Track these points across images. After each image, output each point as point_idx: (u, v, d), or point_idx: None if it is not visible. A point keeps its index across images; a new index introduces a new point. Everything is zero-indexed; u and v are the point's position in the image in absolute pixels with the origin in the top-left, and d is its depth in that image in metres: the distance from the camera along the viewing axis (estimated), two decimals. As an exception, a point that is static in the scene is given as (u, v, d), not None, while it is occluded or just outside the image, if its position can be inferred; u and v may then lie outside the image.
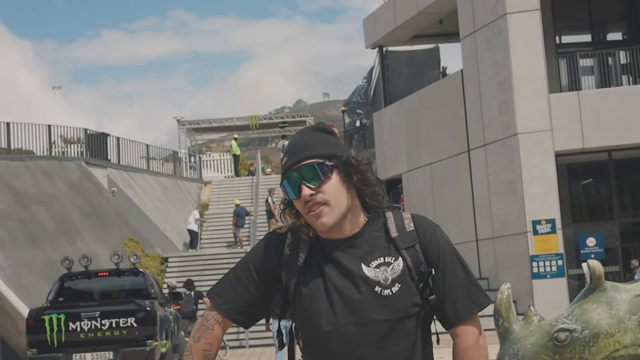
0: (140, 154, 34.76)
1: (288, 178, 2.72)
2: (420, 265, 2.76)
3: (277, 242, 2.83)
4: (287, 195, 2.75)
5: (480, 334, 2.84)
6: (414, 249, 2.76)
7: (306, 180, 2.68)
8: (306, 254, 2.78)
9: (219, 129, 44.44)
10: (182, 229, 31.84)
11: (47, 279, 22.80)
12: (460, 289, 2.80)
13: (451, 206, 24.90)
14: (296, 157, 2.72)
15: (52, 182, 26.43)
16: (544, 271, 21.55)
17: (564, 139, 22.10)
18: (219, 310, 2.83)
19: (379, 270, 2.71)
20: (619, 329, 4.61)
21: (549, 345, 4.66)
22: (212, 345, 2.82)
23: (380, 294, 2.69)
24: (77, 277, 14.75)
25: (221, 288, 2.86)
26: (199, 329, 2.83)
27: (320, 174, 2.68)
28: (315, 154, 2.71)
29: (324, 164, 2.70)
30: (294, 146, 2.76)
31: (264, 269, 2.81)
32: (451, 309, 2.78)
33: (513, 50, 22.21)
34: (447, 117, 25.03)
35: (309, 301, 2.74)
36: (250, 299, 2.82)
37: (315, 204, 2.67)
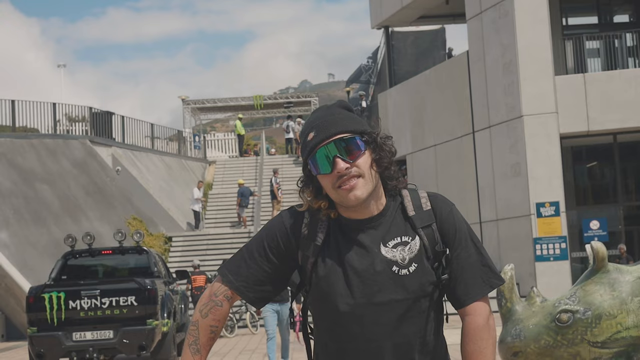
0: (145, 133, 34.74)
1: (319, 152, 2.69)
2: (436, 244, 2.76)
3: (294, 221, 2.80)
4: (317, 170, 2.70)
5: (490, 315, 2.80)
6: (430, 228, 2.76)
7: (341, 154, 2.66)
8: (325, 234, 2.76)
9: (223, 108, 44.39)
10: (186, 208, 31.86)
11: (51, 257, 22.87)
12: (473, 269, 2.77)
13: (455, 188, 24.88)
14: (329, 130, 2.69)
15: (57, 161, 26.46)
16: (547, 254, 21.56)
17: (569, 122, 22.06)
18: (231, 287, 2.80)
19: (397, 250, 2.72)
20: (622, 311, 4.63)
21: (552, 326, 4.68)
22: (220, 322, 2.81)
23: (397, 274, 2.70)
24: (80, 255, 14.61)
25: (234, 265, 2.83)
26: (207, 304, 2.81)
27: (356, 147, 2.68)
28: (350, 128, 2.70)
29: (359, 138, 2.70)
30: (323, 120, 2.73)
31: (280, 247, 2.79)
32: (463, 289, 2.76)
33: (519, 32, 22.13)
34: (452, 98, 24.98)
35: (326, 282, 2.72)
36: (263, 277, 2.79)
37: (351, 177, 2.66)
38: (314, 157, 2.70)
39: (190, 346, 2.78)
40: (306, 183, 2.77)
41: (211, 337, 2.80)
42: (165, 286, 14.07)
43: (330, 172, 2.67)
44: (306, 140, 2.75)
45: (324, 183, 2.72)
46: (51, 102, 29.27)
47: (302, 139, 2.79)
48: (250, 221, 30.04)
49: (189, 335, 2.81)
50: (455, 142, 24.86)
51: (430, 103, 26.06)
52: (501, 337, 4.78)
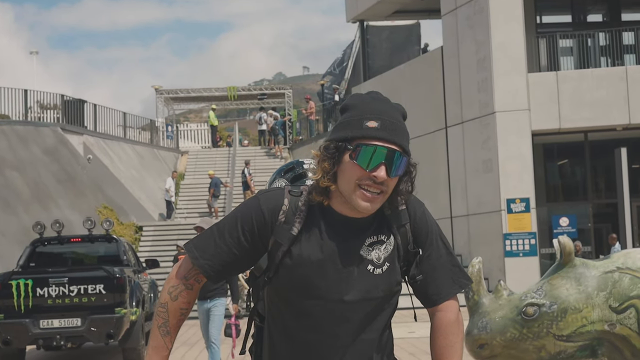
0: (117, 122, 34.57)
1: (376, 148, 2.62)
2: (409, 244, 2.77)
3: (273, 206, 2.73)
4: (358, 159, 2.61)
5: (459, 311, 2.87)
6: (404, 228, 2.77)
7: (389, 166, 2.61)
8: (302, 224, 2.71)
9: (197, 99, 44.24)
10: (158, 198, 31.75)
11: (21, 245, 22.70)
12: (444, 269, 2.81)
13: (427, 183, 24.94)
14: (395, 137, 2.64)
15: (28, 148, 26.26)
16: (517, 249, 21.71)
17: (541, 119, 22.20)
18: (195, 263, 2.74)
19: (373, 249, 2.71)
20: (587, 305, 4.68)
21: (518, 319, 4.72)
22: (190, 304, 2.79)
23: (372, 273, 2.70)
24: (49, 243, 14.52)
25: (203, 241, 2.76)
26: (176, 286, 2.76)
27: (402, 168, 2.65)
28: (406, 148, 2.68)
29: (408, 161, 2.69)
30: (391, 120, 2.67)
31: (254, 231, 2.72)
32: (434, 289, 2.80)
33: (493, 29, 22.24)
34: (425, 93, 25.06)
35: (299, 272, 2.69)
36: (230, 258, 2.73)
37: (377, 188, 2.62)
38: (366, 147, 2.62)
39: (159, 328, 2.76)
40: (332, 156, 2.66)
41: (181, 319, 2.78)
42: (134, 275, 14.03)
43: (369, 170, 2.61)
44: (364, 124, 2.64)
45: (350, 170, 2.64)
46: (22, 89, 29.06)
47: (355, 115, 2.68)
48: (221, 211, 30.01)
49: (158, 317, 2.76)
50: (428, 137, 24.94)
51: (404, 98, 26.07)
52: (468, 330, 4.82)
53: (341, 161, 2.65)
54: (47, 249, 14.60)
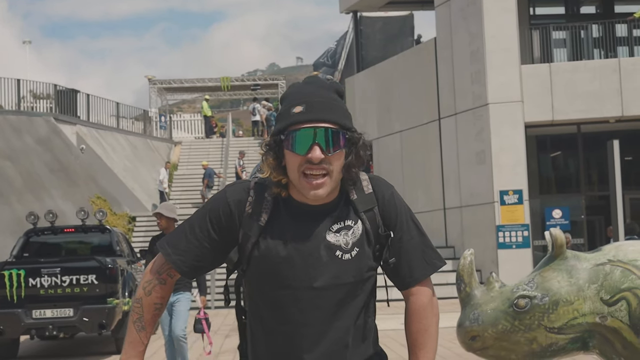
0: (111, 112, 34.53)
1: (302, 131, 2.60)
2: (378, 228, 2.74)
3: (239, 198, 2.73)
4: (291, 147, 2.61)
5: (433, 294, 2.83)
6: (372, 212, 2.74)
7: (321, 143, 2.59)
8: (269, 215, 2.70)
9: (190, 89, 44.23)
10: (151, 188, 31.73)
11: (13, 234, 22.67)
12: (416, 251, 2.78)
13: (420, 174, 25.00)
14: (320, 114, 2.61)
15: (20, 137, 26.21)
16: (510, 241, 21.75)
17: (534, 111, 22.21)
18: (168, 259, 2.75)
19: (340, 235, 2.69)
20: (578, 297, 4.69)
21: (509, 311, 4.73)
22: (164, 299, 2.79)
23: (340, 259, 2.68)
24: (42, 233, 14.61)
25: (174, 238, 2.78)
26: (150, 282, 2.77)
27: (337, 144, 2.61)
28: (340, 122, 2.63)
29: (344, 135, 2.64)
30: (317, 100, 2.64)
31: (222, 224, 2.72)
32: (407, 271, 2.77)
33: (487, 20, 22.22)
34: (419, 85, 25.05)
35: (267, 263, 2.68)
36: (202, 252, 2.73)
37: (320, 169, 2.60)
38: (294, 133, 2.61)
39: (134, 323, 2.77)
40: (272, 148, 2.68)
41: (155, 314, 2.78)
42: (128, 265, 14.05)
43: (304, 154, 2.60)
44: (291, 111, 2.64)
45: (290, 160, 2.64)
46: (15, 78, 28.99)
47: (285, 105, 2.69)
48: (214, 203, 30.01)
49: (133, 313, 2.78)
50: (421, 128, 24.95)
51: (398, 89, 26.12)
52: (459, 321, 4.83)
53: (279, 150, 2.66)
54: (40, 239, 14.69)
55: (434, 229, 24.36)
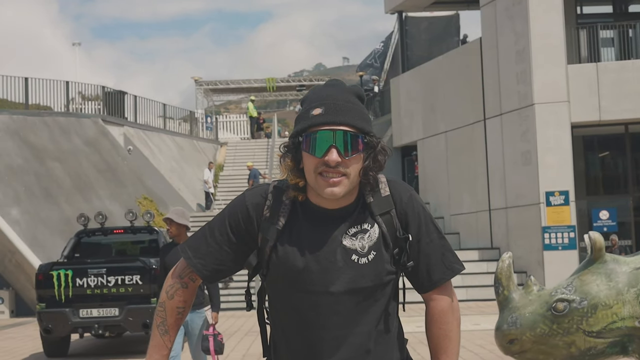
0: (157, 113, 34.85)
1: (320, 133, 2.60)
2: (396, 231, 2.72)
3: (257, 201, 2.74)
4: (309, 149, 2.61)
5: (454, 298, 2.80)
6: (389, 215, 2.72)
7: (339, 146, 2.58)
8: (286, 219, 2.70)
9: (236, 90, 44.44)
10: (197, 189, 31.96)
11: (62, 235, 23.01)
12: (435, 254, 2.76)
13: (465, 175, 24.89)
14: (338, 117, 2.60)
15: (69, 139, 26.56)
16: (556, 243, 21.56)
17: (580, 111, 22.01)
18: (189, 263, 2.77)
19: (356, 238, 2.68)
20: (617, 301, 4.67)
21: (548, 315, 4.72)
22: (187, 302, 2.80)
23: (357, 263, 2.66)
24: (93, 234, 15.00)
25: (195, 241, 2.79)
26: (172, 286, 2.80)
27: (355, 148, 2.60)
28: (358, 125, 2.62)
29: (362, 139, 2.62)
30: (335, 102, 2.64)
31: (241, 227, 2.73)
32: (425, 275, 2.76)
33: (532, 20, 22.07)
34: (464, 85, 24.95)
35: (285, 267, 2.68)
36: (222, 256, 2.75)
37: (337, 172, 2.59)
38: (312, 135, 2.61)
39: (158, 327, 2.79)
40: (290, 150, 2.68)
41: (178, 317, 2.80)
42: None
43: (321, 156, 2.59)
44: (310, 113, 2.64)
45: (307, 162, 2.64)
46: (64, 81, 29.37)
47: (305, 107, 2.69)
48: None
49: (157, 317, 2.80)
50: (466, 128, 24.85)
51: (443, 89, 26.04)
52: (498, 325, 4.83)
53: (297, 152, 2.66)
54: (91, 240, 15.06)
55: (479, 230, 24.25)
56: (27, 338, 17.24)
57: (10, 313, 23.37)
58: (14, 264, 22.69)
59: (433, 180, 26.58)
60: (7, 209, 22.49)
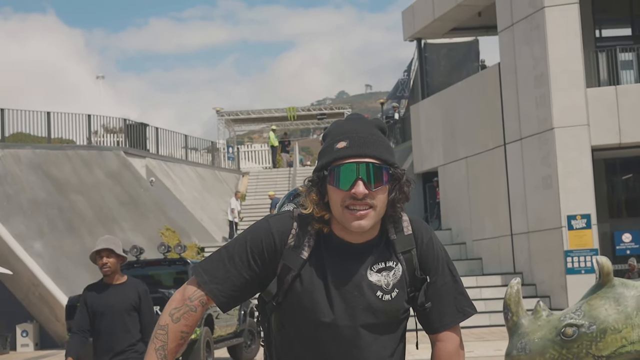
0: (179, 144, 35.07)
1: (346, 166, 2.61)
2: (415, 270, 2.75)
3: (282, 229, 2.72)
4: (335, 182, 2.62)
5: (461, 342, 2.84)
6: (410, 254, 2.74)
7: (366, 179, 2.60)
8: (311, 249, 2.69)
9: (257, 120, 44.68)
10: (219, 219, 32.06)
11: (85, 267, 23.11)
12: (448, 297, 2.80)
13: (486, 200, 24.83)
14: (363, 149, 2.62)
15: (91, 171, 26.77)
16: (579, 267, 21.42)
17: (601, 134, 21.93)
18: (205, 288, 2.69)
19: (381, 275, 2.70)
20: (626, 325, 4.65)
21: (557, 340, 4.71)
22: (191, 327, 2.70)
23: (381, 299, 2.69)
24: (131, 266, 15.65)
25: (211, 265, 2.73)
26: (179, 308, 2.69)
27: (381, 180, 2.62)
28: (383, 157, 2.64)
29: (387, 170, 2.64)
30: (359, 135, 2.65)
31: (263, 255, 2.69)
32: (437, 316, 2.79)
33: (550, 44, 22.07)
34: (483, 110, 24.95)
35: (308, 298, 2.67)
36: (240, 282, 2.69)
37: (364, 204, 2.60)
38: (337, 168, 2.62)
39: (157, 351, 2.66)
40: (314, 184, 2.69)
41: (180, 343, 2.70)
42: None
43: (347, 189, 2.60)
44: (334, 147, 2.66)
45: (333, 196, 2.64)
46: (86, 114, 29.65)
47: (328, 142, 2.70)
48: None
49: (156, 340, 2.68)
50: (486, 154, 24.81)
51: (463, 115, 26.05)
52: (507, 351, 4.83)
53: (322, 186, 2.67)
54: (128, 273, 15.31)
55: (501, 255, 24.15)
56: (51, 371, 17.31)
57: (35, 346, 23.45)
58: (37, 297, 22.81)
59: (454, 206, 26.53)
60: (31, 242, 22.66)
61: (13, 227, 22.62)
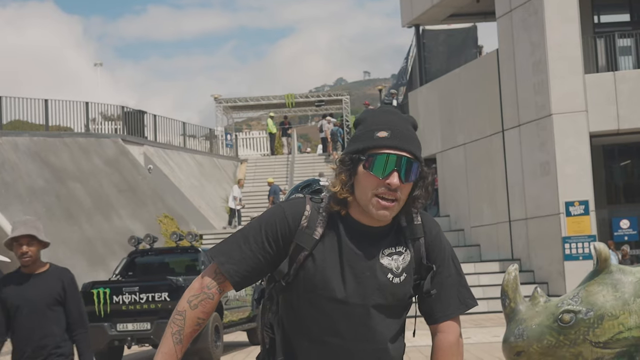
0: (177, 132, 35.03)
1: (386, 156, 2.73)
2: (422, 258, 2.88)
3: (296, 212, 2.83)
4: (371, 168, 2.73)
5: (460, 334, 2.96)
6: (418, 242, 2.88)
7: (401, 172, 2.73)
8: (324, 230, 2.81)
9: (255, 107, 44.57)
10: (217, 206, 32.05)
11: (83, 254, 23.14)
12: (452, 288, 2.93)
13: (485, 187, 24.82)
14: (404, 144, 2.75)
15: (89, 159, 26.74)
16: (577, 253, 21.44)
17: (599, 120, 21.92)
18: (222, 269, 2.80)
19: (392, 259, 2.83)
20: (624, 311, 4.65)
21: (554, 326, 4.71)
22: (208, 314, 2.82)
23: (391, 281, 2.81)
24: (146, 254, 16.65)
25: (227, 247, 2.84)
26: (197, 295, 2.80)
27: (414, 174, 2.76)
28: (418, 154, 2.78)
29: (419, 168, 2.78)
30: (400, 129, 2.78)
31: (277, 237, 2.81)
32: (439, 306, 2.91)
33: (549, 30, 22.03)
34: (481, 97, 24.92)
35: (322, 276, 2.78)
36: (254, 263, 2.80)
37: (393, 195, 2.73)
38: (376, 155, 2.73)
39: (173, 335, 2.78)
40: (346, 166, 2.79)
41: (196, 329, 2.81)
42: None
43: (382, 177, 2.72)
44: (375, 135, 2.76)
45: (364, 180, 2.76)
46: (84, 102, 29.60)
47: (366, 128, 2.80)
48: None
49: (173, 324, 2.79)
50: (484, 140, 24.80)
51: (461, 101, 26.01)
52: (505, 337, 4.82)
53: (357, 172, 2.77)
54: (142, 260, 16.66)
55: (499, 242, 24.16)
56: None
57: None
58: (36, 285, 22.81)
59: (452, 192, 26.52)
60: (29, 230, 22.63)
61: (11, 215, 22.59)
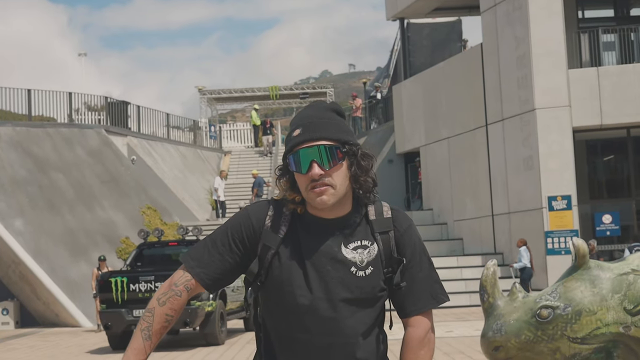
0: (161, 123, 34.89)
1: (301, 152, 2.79)
2: (391, 252, 2.88)
3: (259, 213, 2.89)
4: (295, 167, 2.80)
5: (431, 328, 2.96)
6: (387, 235, 2.88)
7: (320, 160, 2.77)
8: (287, 228, 2.86)
9: (239, 98, 44.46)
10: (201, 197, 31.99)
11: (66, 245, 23.07)
12: (423, 283, 2.93)
13: (468, 181, 24.89)
14: (314, 134, 2.80)
15: (72, 149, 26.62)
16: (559, 247, 21.55)
17: (582, 115, 22.01)
18: (192, 272, 2.88)
19: (356, 252, 2.84)
20: (602, 307, 4.67)
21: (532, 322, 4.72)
22: (176, 312, 2.88)
23: (355, 275, 2.82)
24: (153, 246, 17.98)
25: (196, 252, 2.91)
26: (166, 293, 2.88)
27: (335, 158, 2.78)
28: (334, 137, 2.80)
29: (340, 149, 2.80)
30: (312, 121, 2.83)
31: (243, 238, 2.87)
32: (411, 300, 2.91)
33: (533, 25, 22.10)
34: (465, 91, 24.97)
35: (287, 273, 2.82)
36: (223, 265, 2.87)
37: (322, 184, 2.76)
38: (295, 154, 2.80)
39: (142, 331, 2.85)
40: (283, 173, 2.87)
41: (165, 325, 2.87)
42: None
43: (305, 173, 2.77)
44: (291, 135, 2.84)
45: (298, 181, 2.82)
46: (67, 92, 29.45)
47: (289, 132, 2.89)
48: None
49: (143, 321, 2.86)
50: (468, 134, 24.86)
51: (445, 95, 26.06)
52: (483, 332, 4.83)
53: (291, 173, 2.86)
54: (150, 252, 17.91)
55: (482, 236, 24.24)
56: (30, 349, 17.29)
57: (15, 324, 23.41)
58: (18, 275, 22.74)
59: (436, 186, 26.58)
60: (11, 220, 22.56)
61: (-7, 205, 22.51)
